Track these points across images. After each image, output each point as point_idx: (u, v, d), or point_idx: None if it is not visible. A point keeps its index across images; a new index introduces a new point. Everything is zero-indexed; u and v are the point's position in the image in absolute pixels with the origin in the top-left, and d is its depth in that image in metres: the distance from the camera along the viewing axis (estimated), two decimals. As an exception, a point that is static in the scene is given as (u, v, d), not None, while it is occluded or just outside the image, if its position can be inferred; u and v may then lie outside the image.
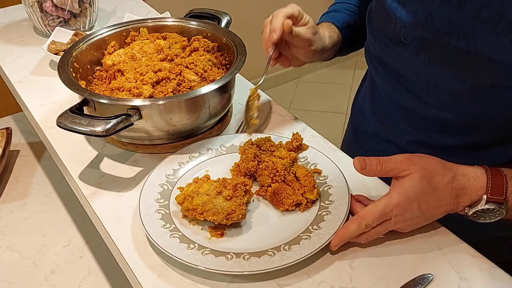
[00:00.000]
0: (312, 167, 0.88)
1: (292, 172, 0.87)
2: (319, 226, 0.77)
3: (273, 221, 0.82)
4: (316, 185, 0.85)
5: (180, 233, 0.78)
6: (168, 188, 0.86)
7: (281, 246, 0.75)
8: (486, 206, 0.72)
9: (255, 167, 0.86)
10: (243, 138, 0.95)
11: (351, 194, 0.82)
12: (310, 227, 0.78)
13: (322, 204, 0.82)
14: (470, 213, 0.74)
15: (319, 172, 0.88)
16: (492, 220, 0.74)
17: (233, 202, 0.79)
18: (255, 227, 0.81)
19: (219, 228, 0.80)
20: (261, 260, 0.73)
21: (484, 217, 0.74)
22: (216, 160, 0.92)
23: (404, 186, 0.73)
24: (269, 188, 0.84)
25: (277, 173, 0.85)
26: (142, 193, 0.84)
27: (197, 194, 0.80)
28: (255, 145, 0.91)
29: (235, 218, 0.78)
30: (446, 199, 0.73)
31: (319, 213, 0.81)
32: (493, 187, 0.72)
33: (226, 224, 0.79)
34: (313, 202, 0.83)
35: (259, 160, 0.87)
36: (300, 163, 0.90)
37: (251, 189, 0.83)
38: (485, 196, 0.72)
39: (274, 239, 0.77)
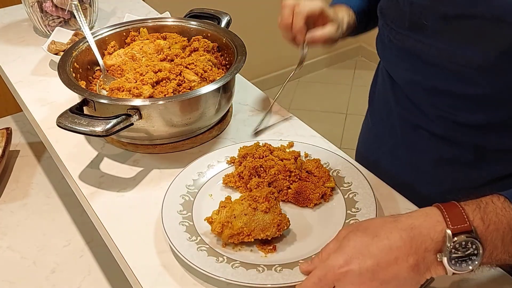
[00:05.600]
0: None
1: (303, 168, 0.87)
2: None
3: (310, 219, 0.81)
4: (329, 173, 0.86)
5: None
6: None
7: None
8: (457, 240, 0.59)
9: (259, 168, 0.86)
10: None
11: None
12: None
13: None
14: (446, 260, 0.60)
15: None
16: (477, 262, 0.61)
17: (272, 212, 0.76)
18: (297, 231, 0.79)
19: (268, 243, 0.77)
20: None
21: (466, 260, 0.61)
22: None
23: (340, 246, 0.64)
24: (290, 190, 0.84)
25: (292, 174, 0.85)
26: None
27: (234, 217, 0.75)
28: (248, 155, 0.89)
29: (285, 227, 0.76)
30: (399, 247, 0.60)
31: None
32: (451, 217, 0.61)
33: (274, 237, 0.76)
34: (333, 189, 0.85)
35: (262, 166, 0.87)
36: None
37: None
38: (448, 231, 0.60)
39: (323, 237, 0.76)
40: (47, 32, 1.34)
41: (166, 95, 0.93)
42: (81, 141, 1.01)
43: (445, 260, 0.60)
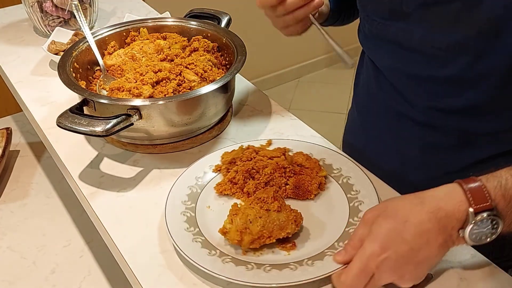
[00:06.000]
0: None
1: (294, 163, 0.87)
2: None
3: (315, 210, 0.82)
4: (319, 162, 0.88)
5: (230, 257, 0.75)
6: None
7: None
8: (478, 219, 0.63)
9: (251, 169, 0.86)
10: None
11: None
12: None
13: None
14: (467, 235, 0.64)
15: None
16: (495, 235, 0.65)
17: (284, 210, 0.77)
18: (307, 223, 0.79)
19: (287, 241, 0.76)
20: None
21: (486, 234, 0.65)
22: None
23: (372, 233, 0.66)
24: (288, 186, 0.84)
25: (286, 169, 0.85)
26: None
27: (250, 222, 0.74)
28: (236, 160, 0.88)
29: (301, 221, 0.77)
30: (427, 228, 0.64)
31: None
32: (474, 196, 0.64)
33: (290, 235, 0.76)
34: (325, 178, 0.86)
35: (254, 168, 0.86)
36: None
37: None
38: (471, 209, 0.63)
39: (336, 224, 0.78)
40: (47, 32, 1.34)
41: (166, 95, 0.93)
42: (81, 141, 1.01)
43: (466, 235, 0.64)
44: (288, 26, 0.99)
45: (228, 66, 1.07)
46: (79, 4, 1.12)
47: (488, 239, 0.65)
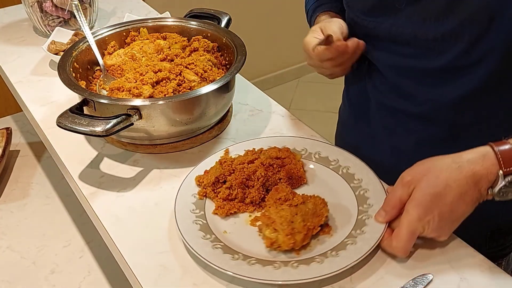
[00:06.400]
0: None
1: (272, 158, 0.87)
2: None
3: (317, 192, 0.82)
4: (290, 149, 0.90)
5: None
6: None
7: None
8: (507, 180, 0.70)
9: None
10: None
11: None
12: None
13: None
14: (496, 193, 0.71)
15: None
16: None
17: (307, 200, 0.78)
18: None
19: (324, 227, 0.78)
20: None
21: (511, 191, 0.71)
22: None
23: (415, 198, 0.72)
24: (282, 180, 0.85)
25: (273, 165, 0.86)
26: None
27: (292, 222, 0.75)
28: (220, 178, 0.85)
29: (326, 204, 0.79)
30: (465, 190, 0.71)
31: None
32: (504, 160, 0.70)
33: (327, 219, 0.79)
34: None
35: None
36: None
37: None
38: (501, 172, 0.70)
39: (348, 201, 0.82)
40: (47, 32, 1.34)
41: (166, 95, 0.93)
42: (81, 141, 1.01)
43: (495, 193, 0.71)
44: (335, 72, 1.00)
45: (228, 66, 1.07)
46: (79, 4, 1.12)
47: None
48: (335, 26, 0.95)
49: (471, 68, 0.86)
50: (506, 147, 0.71)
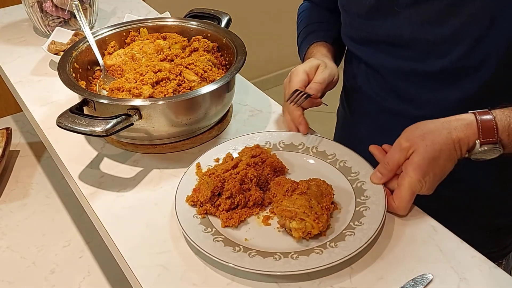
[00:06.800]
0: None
1: (248, 157, 0.88)
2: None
3: (305, 177, 0.84)
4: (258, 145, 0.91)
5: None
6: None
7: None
8: (483, 148, 0.78)
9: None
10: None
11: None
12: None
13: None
14: (472, 156, 0.80)
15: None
16: (492, 157, 0.79)
17: (308, 184, 0.80)
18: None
19: (332, 204, 0.80)
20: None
21: (485, 156, 0.79)
22: None
23: (415, 162, 0.78)
24: (269, 174, 0.86)
25: (257, 163, 0.86)
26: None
27: (311, 207, 0.76)
28: (213, 193, 0.83)
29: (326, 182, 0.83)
30: (452, 153, 0.79)
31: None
32: (483, 131, 0.77)
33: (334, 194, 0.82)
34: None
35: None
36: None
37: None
38: (478, 141, 0.78)
39: (338, 181, 0.85)
40: (47, 32, 1.34)
41: (166, 95, 0.93)
42: (81, 141, 1.01)
43: (472, 156, 0.80)
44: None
45: (228, 66, 1.07)
46: (79, 4, 1.12)
47: (488, 158, 0.79)
48: (300, 77, 0.94)
49: (472, 71, 0.86)
50: (488, 117, 0.78)
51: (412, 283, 0.71)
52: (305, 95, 0.93)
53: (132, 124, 0.88)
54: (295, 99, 0.93)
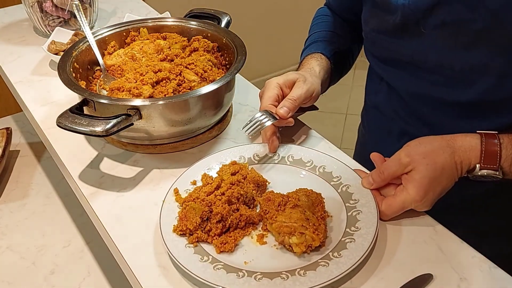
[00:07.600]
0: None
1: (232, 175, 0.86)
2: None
3: (292, 188, 0.83)
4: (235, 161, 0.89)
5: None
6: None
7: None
8: (482, 173, 0.78)
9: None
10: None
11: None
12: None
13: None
14: (471, 177, 0.79)
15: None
16: (491, 180, 0.79)
17: (297, 195, 0.79)
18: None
19: (325, 213, 0.80)
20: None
21: (484, 179, 0.79)
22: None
23: (415, 179, 0.77)
24: (254, 190, 0.84)
25: (240, 180, 0.84)
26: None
27: (308, 219, 0.74)
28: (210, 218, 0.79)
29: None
30: (453, 173, 0.79)
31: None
32: (486, 157, 0.77)
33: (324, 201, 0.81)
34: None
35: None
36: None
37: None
38: (478, 165, 0.78)
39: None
40: (47, 32, 1.34)
41: (166, 95, 0.93)
42: (81, 141, 1.01)
43: (471, 177, 0.80)
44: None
45: (228, 66, 1.07)
46: (79, 4, 1.12)
47: (483, 181, 0.79)
48: (272, 92, 0.92)
49: (503, 103, 0.83)
50: (494, 141, 0.77)
51: (412, 283, 0.71)
52: (266, 120, 0.88)
53: (132, 124, 0.88)
54: (250, 128, 0.88)
